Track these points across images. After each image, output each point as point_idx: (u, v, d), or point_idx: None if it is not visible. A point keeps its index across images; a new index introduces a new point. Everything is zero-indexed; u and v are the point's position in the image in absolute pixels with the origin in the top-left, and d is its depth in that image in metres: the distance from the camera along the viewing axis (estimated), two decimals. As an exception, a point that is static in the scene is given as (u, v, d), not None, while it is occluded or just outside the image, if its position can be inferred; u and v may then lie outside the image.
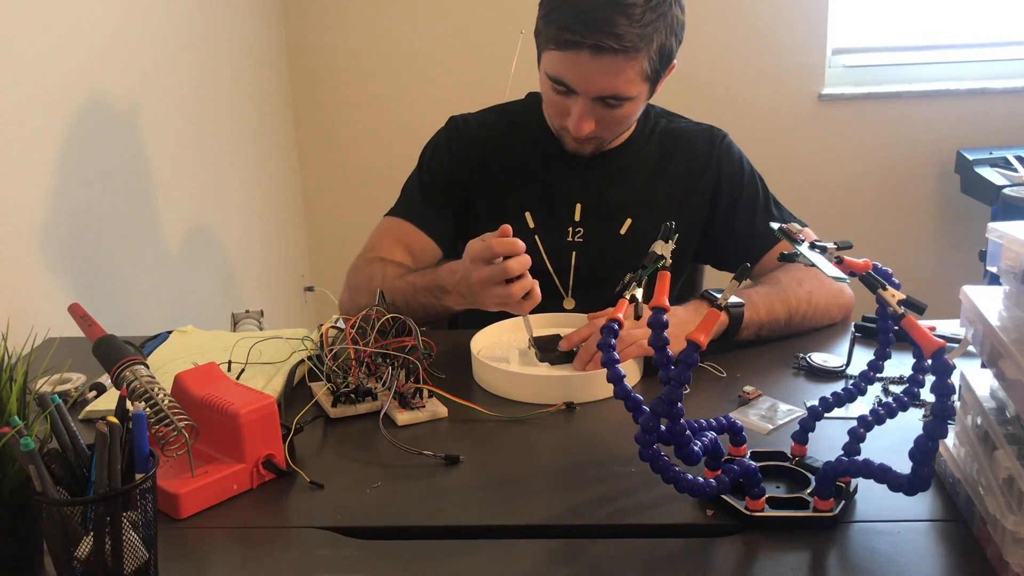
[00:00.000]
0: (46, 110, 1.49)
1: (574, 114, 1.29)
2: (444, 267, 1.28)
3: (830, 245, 0.79)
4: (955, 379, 0.73)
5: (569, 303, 1.43)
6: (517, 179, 1.45)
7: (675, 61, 1.31)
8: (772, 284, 1.29)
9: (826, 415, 0.92)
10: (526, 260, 1.15)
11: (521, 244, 1.15)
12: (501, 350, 1.23)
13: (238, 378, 1.13)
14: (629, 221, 1.42)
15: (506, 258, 1.14)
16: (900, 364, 1.11)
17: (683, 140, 1.45)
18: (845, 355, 1.17)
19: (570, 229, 1.43)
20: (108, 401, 1.12)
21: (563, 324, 1.28)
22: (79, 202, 1.58)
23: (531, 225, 1.43)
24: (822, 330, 1.31)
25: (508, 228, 1.16)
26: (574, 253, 1.43)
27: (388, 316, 1.12)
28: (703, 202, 1.43)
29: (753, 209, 1.42)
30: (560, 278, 1.43)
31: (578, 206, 1.43)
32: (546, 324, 1.27)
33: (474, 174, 1.46)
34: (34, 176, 1.45)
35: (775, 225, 0.82)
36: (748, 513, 0.82)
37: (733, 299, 1.20)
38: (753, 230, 1.41)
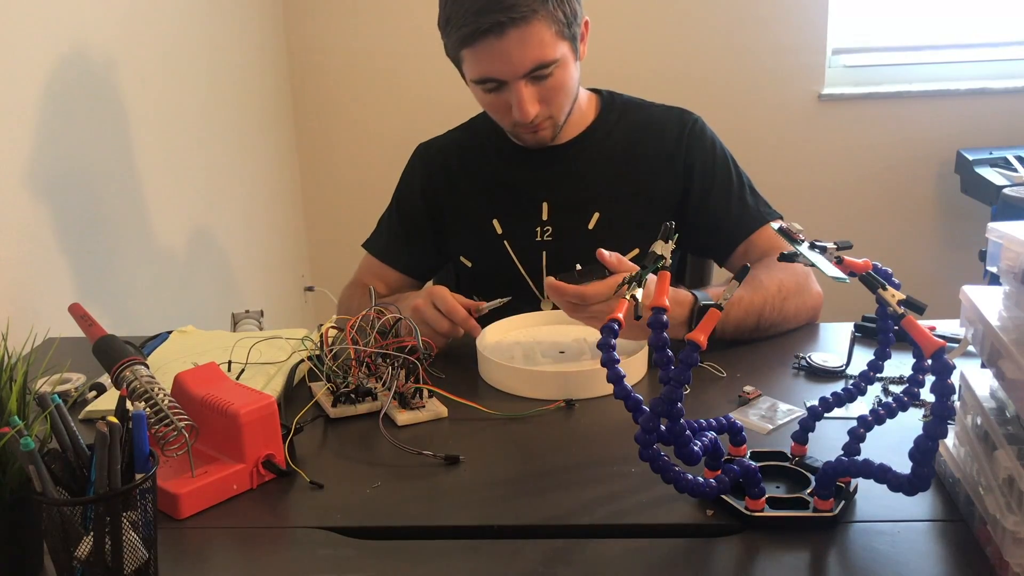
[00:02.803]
0: (46, 110, 1.49)
1: (515, 102, 1.29)
2: (403, 299, 1.34)
3: (830, 245, 0.79)
4: (955, 379, 0.73)
5: (547, 305, 1.41)
6: (483, 190, 1.45)
7: (586, 17, 1.32)
8: (749, 280, 1.28)
9: (826, 415, 0.92)
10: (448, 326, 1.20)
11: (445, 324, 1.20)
12: (507, 347, 1.24)
13: (238, 378, 1.13)
14: (597, 215, 1.40)
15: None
16: (900, 364, 1.11)
17: (652, 125, 1.43)
18: (845, 355, 1.17)
19: (538, 229, 1.42)
20: (108, 401, 1.12)
21: (544, 322, 1.31)
22: (79, 202, 1.58)
23: (499, 231, 1.43)
24: (821, 330, 1.30)
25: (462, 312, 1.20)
26: (544, 252, 1.42)
27: (388, 316, 1.12)
28: (674, 189, 1.41)
29: (727, 196, 1.40)
30: (533, 280, 1.43)
31: (544, 205, 1.42)
32: (530, 323, 1.30)
33: (442, 197, 1.48)
34: (34, 176, 1.45)
35: (775, 225, 0.82)
36: (748, 513, 0.82)
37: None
38: (728, 218, 1.39)
